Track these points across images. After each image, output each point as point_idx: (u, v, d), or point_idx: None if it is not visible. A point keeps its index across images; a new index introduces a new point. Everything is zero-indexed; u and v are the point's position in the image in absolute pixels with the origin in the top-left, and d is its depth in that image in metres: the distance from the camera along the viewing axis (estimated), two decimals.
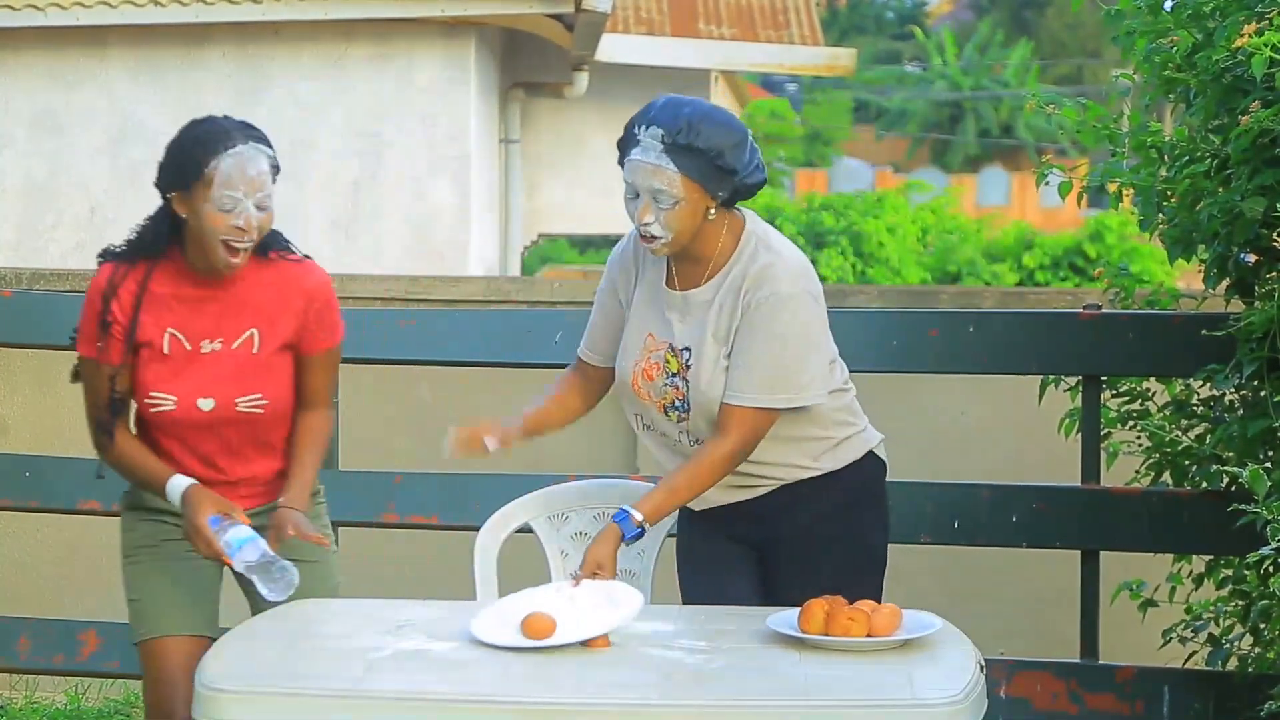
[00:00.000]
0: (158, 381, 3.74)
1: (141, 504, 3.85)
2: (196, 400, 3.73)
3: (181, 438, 3.78)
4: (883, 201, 17.80)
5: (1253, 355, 4.10)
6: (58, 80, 9.91)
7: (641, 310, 3.73)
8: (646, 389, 3.69)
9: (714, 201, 3.58)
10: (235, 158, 3.65)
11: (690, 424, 3.67)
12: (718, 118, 3.58)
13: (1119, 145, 4.39)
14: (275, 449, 3.85)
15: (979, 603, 5.84)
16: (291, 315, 3.77)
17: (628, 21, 14.18)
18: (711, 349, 3.62)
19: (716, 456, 3.61)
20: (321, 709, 2.94)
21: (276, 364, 3.78)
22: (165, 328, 3.73)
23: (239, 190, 3.64)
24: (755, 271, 3.61)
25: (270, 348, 3.76)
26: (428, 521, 4.95)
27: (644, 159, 3.54)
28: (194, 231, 3.68)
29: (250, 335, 3.75)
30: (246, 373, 3.75)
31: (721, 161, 3.54)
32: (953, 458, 5.89)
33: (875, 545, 3.77)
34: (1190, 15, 4.15)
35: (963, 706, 2.92)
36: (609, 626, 3.24)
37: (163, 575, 3.83)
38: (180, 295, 3.73)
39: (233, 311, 3.74)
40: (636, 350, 3.71)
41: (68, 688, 5.98)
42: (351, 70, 10.07)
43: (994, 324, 4.72)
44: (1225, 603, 4.60)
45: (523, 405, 3.90)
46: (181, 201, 3.69)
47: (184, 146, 3.71)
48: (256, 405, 3.75)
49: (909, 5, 43.83)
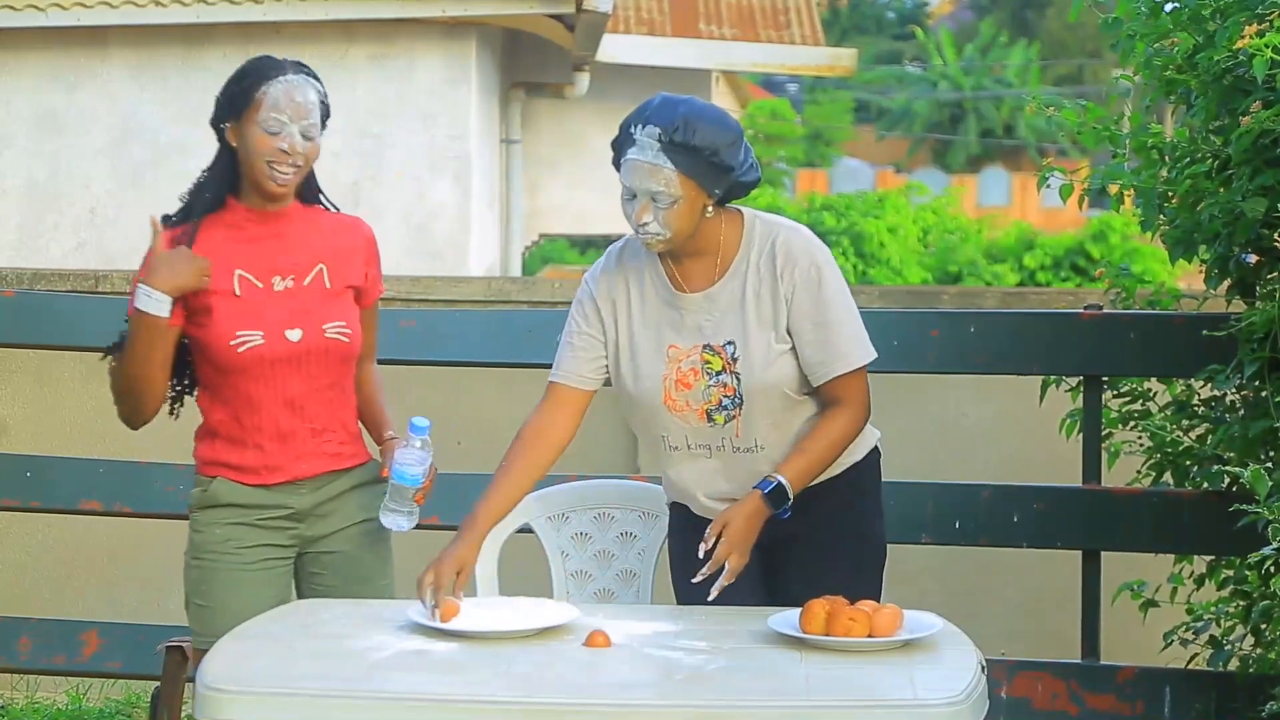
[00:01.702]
0: (241, 320, 3.73)
1: (217, 501, 3.80)
2: (285, 331, 3.74)
3: (269, 378, 3.75)
4: (884, 202, 17.79)
5: (1254, 356, 4.10)
6: (59, 81, 9.91)
7: (650, 328, 3.67)
8: (684, 399, 3.63)
9: (710, 199, 3.58)
10: (284, 84, 3.74)
11: (742, 421, 3.61)
12: (712, 116, 3.58)
13: (1120, 146, 4.39)
14: (350, 397, 3.88)
15: (980, 603, 5.84)
16: (357, 258, 3.84)
17: (629, 22, 14.18)
18: (758, 336, 3.60)
19: (845, 424, 3.61)
20: (322, 709, 2.94)
21: (348, 301, 3.82)
22: (233, 270, 3.75)
23: (285, 114, 3.72)
24: (782, 250, 3.61)
25: (340, 284, 3.80)
26: (429, 522, 4.92)
27: (641, 158, 3.53)
28: (243, 159, 3.75)
29: (320, 270, 3.79)
30: (327, 302, 3.78)
31: (717, 159, 3.54)
32: (954, 458, 5.89)
33: (876, 534, 3.76)
34: (1190, 17, 4.15)
35: (964, 707, 2.92)
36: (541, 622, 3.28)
37: (234, 586, 3.77)
38: (242, 236, 3.77)
39: (298, 248, 3.79)
40: (659, 366, 3.65)
41: (69, 688, 5.98)
42: (352, 70, 10.07)
43: (995, 324, 4.72)
44: (1226, 603, 4.60)
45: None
46: (233, 131, 3.76)
47: (239, 77, 3.80)
48: (343, 332, 3.78)
49: (910, 5, 43.83)
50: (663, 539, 3.95)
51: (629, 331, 3.70)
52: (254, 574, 3.78)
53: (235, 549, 3.78)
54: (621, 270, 3.73)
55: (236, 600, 3.75)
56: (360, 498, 3.86)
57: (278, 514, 3.79)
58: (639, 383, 3.67)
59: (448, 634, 3.26)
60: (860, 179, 28.91)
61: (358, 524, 3.85)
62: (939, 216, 18.46)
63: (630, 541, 4.01)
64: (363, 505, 3.86)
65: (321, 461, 3.80)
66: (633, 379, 3.68)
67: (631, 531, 4.01)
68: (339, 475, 3.83)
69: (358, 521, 3.85)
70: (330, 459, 3.81)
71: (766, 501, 3.53)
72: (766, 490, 3.54)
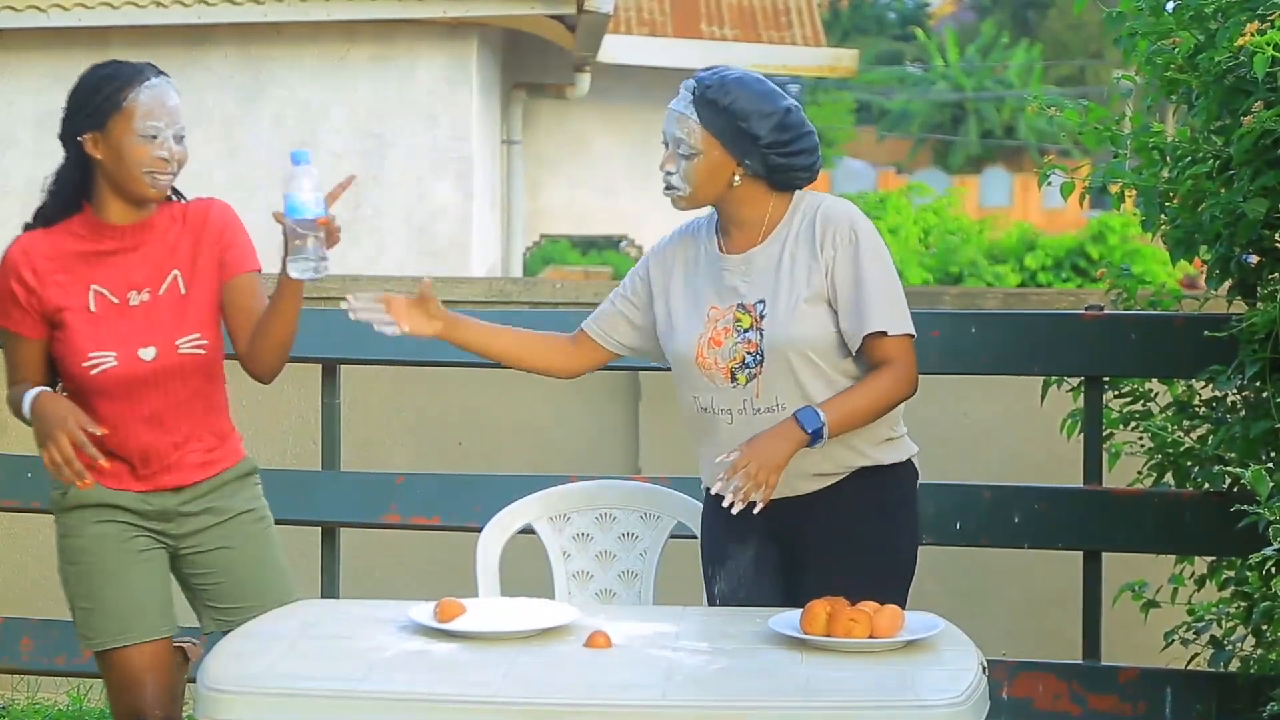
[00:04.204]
0: (94, 340, 3.69)
1: (85, 502, 3.78)
2: (138, 351, 3.70)
3: (126, 396, 3.71)
4: (885, 203, 17.77)
5: (1255, 356, 4.10)
6: (61, 81, 9.83)
7: (692, 289, 3.72)
8: (713, 356, 3.65)
9: (738, 167, 3.61)
10: (152, 89, 3.65)
11: (762, 379, 3.60)
12: (757, 88, 3.62)
13: (1121, 146, 4.39)
14: (215, 400, 3.82)
15: (981, 604, 5.84)
16: (209, 244, 3.73)
17: (630, 22, 14.17)
18: (787, 296, 3.61)
19: (890, 380, 3.60)
20: (323, 710, 2.94)
21: (206, 304, 3.74)
22: (88, 285, 3.70)
23: (161, 120, 3.63)
24: (822, 216, 3.63)
25: (196, 287, 3.73)
26: (429, 523, 4.95)
27: (674, 105, 3.64)
28: (111, 170, 3.66)
29: (174, 277, 3.72)
30: (181, 314, 3.72)
31: (745, 125, 3.58)
32: (955, 458, 5.88)
33: (904, 549, 3.73)
34: (1192, 16, 4.15)
35: (965, 708, 2.91)
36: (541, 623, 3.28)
37: (118, 583, 3.77)
38: (98, 250, 3.70)
39: (152, 258, 3.72)
40: (698, 324, 3.69)
41: (70, 689, 5.98)
42: (353, 71, 10.07)
43: (996, 325, 4.72)
44: (1227, 604, 4.60)
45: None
46: (97, 142, 3.65)
47: (96, 85, 3.68)
48: (198, 345, 3.72)
49: (911, 6, 43.80)
50: (664, 539, 3.95)
51: (678, 294, 3.74)
52: (137, 566, 3.78)
53: (114, 545, 3.77)
54: (682, 241, 3.80)
55: (124, 601, 3.76)
56: (233, 493, 3.84)
57: (148, 510, 3.79)
58: (676, 340, 3.71)
59: (448, 634, 3.25)
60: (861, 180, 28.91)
61: (231, 518, 3.83)
62: (940, 217, 18.45)
63: (632, 542, 4.01)
64: (237, 499, 3.84)
65: (187, 473, 3.79)
66: (673, 338, 3.73)
67: (633, 532, 4.02)
68: (207, 480, 3.82)
69: (231, 516, 3.83)
70: (196, 469, 3.80)
71: (799, 423, 3.52)
72: (801, 413, 3.53)
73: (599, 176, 13.87)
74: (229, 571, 3.84)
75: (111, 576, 3.78)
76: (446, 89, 10.14)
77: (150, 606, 3.79)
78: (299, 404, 5.99)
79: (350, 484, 4.98)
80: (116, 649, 3.78)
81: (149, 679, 3.78)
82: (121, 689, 3.81)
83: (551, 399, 5.99)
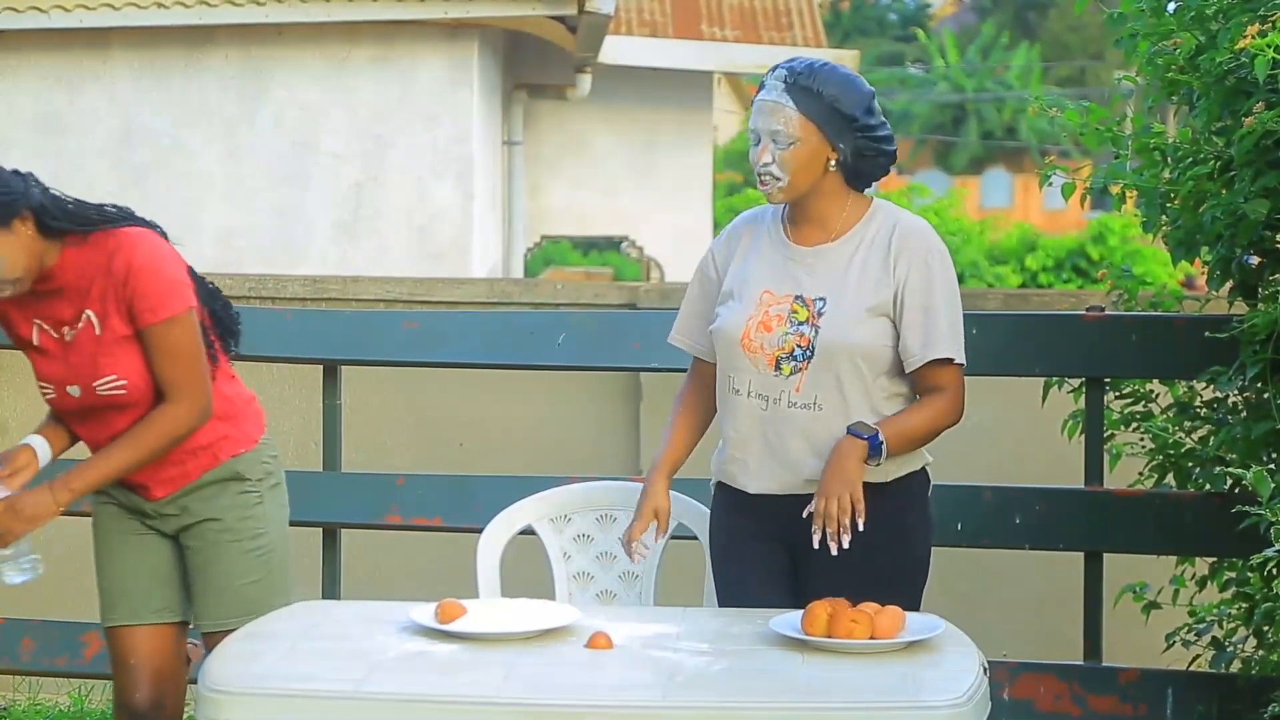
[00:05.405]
0: (40, 371, 3.83)
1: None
2: (66, 387, 3.78)
3: (78, 424, 3.86)
4: None
5: (1256, 357, 4.09)
6: (61, 82, 9.91)
7: (751, 269, 3.71)
8: (760, 340, 3.64)
9: (834, 152, 3.61)
10: None
11: (807, 375, 3.61)
12: (844, 74, 3.65)
13: (1122, 147, 4.39)
14: None
15: (982, 605, 5.84)
16: (113, 289, 3.71)
17: (630, 23, 14.17)
18: (852, 300, 3.61)
19: (944, 406, 3.63)
20: (324, 711, 2.94)
21: (122, 344, 3.73)
22: (32, 319, 3.79)
23: None
24: (900, 233, 3.64)
25: (109, 328, 3.73)
26: (431, 523, 4.95)
27: (766, 97, 3.63)
28: None
29: (87, 318, 3.75)
30: (97, 356, 3.75)
31: (839, 106, 3.59)
32: (955, 459, 5.86)
33: (918, 554, 3.74)
34: (1193, 17, 4.15)
35: (966, 709, 2.91)
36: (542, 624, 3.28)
37: (109, 562, 3.91)
38: (34, 287, 3.75)
39: (69, 298, 3.75)
40: (750, 305, 3.68)
41: (71, 689, 5.98)
42: (354, 72, 10.07)
43: (997, 326, 4.72)
44: (1229, 605, 4.60)
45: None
46: None
47: None
48: (116, 387, 3.75)
49: (912, 7, 43.82)
50: (665, 540, 3.95)
51: (735, 272, 3.74)
52: (128, 547, 3.88)
53: (110, 524, 3.91)
54: (745, 226, 3.80)
55: (112, 576, 3.89)
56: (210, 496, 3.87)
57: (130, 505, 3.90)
58: (724, 318, 3.70)
59: (450, 635, 3.25)
60: None
61: (199, 523, 3.87)
62: (941, 218, 18.45)
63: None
64: (210, 504, 3.87)
65: (154, 489, 3.85)
66: (723, 313, 3.71)
67: None
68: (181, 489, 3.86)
69: (199, 520, 3.87)
70: (169, 483, 3.85)
71: (856, 435, 3.55)
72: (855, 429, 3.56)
73: (600, 177, 13.86)
74: (192, 573, 3.91)
75: (105, 555, 3.92)
76: (447, 90, 10.14)
77: (133, 590, 3.87)
78: (300, 405, 5.99)
79: (351, 485, 4.99)
80: (109, 627, 3.91)
81: (134, 662, 3.87)
82: (113, 666, 3.92)
83: (552, 400, 5.99)
